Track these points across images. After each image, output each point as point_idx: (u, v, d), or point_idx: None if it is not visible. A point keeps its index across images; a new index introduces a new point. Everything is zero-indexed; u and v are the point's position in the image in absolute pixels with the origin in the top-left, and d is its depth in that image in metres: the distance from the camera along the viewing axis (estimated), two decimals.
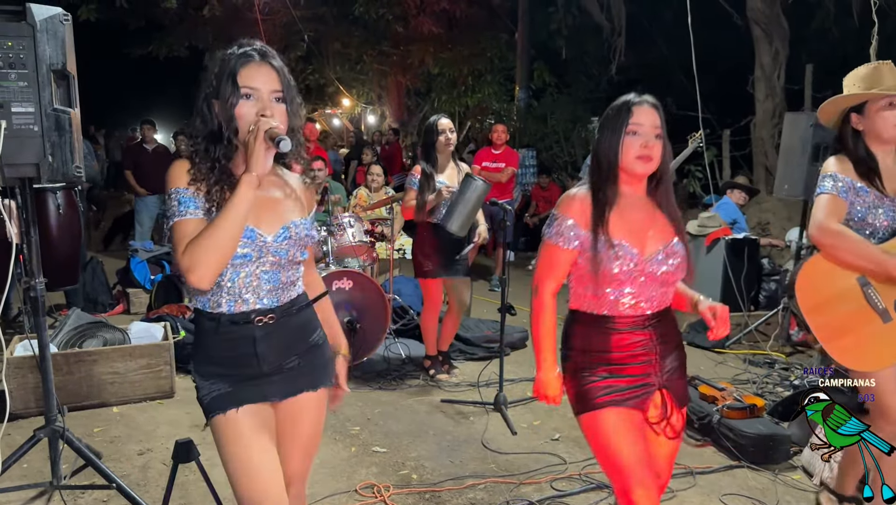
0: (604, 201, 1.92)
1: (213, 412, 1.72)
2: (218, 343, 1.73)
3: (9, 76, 2.42)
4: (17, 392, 3.63)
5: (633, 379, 1.95)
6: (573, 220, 1.93)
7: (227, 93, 1.65)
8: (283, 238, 1.73)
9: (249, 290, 1.71)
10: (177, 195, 1.64)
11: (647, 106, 1.93)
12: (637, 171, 1.93)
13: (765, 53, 8.73)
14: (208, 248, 1.56)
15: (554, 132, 11.45)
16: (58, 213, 4.79)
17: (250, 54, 1.67)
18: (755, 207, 8.32)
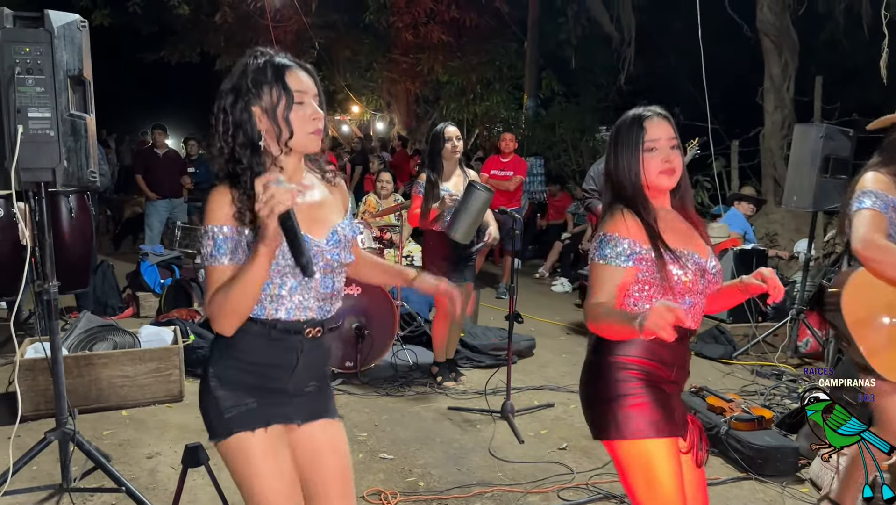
0: (647, 217, 1.84)
1: (236, 429, 1.65)
2: (264, 349, 1.67)
3: (26, 81, 2.46)
4: (27, 394, 3.64)
5: (676, 399, 1.88)
6: (629, 238, 1.81)
7: (277, 98, 1.62)
8: (335, 241, 1.73)
9: (310, 296, 1.69)
10: (213, 234, 1.59)
11: (658, 119, 1.89)
12: (664, 186, 1.88)
13: (774, 65, 8.74)
14: (224, 309, 1.57)
15: (562, 141, 11.47)
16: (70, 216, 4.82)
17: (287, 63, 1.67)
18: (763, 219, 8.31)
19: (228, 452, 1.67)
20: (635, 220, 1.83)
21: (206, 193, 1.65)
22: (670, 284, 1.79)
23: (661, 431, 1.79)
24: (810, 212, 5.50)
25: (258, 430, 1.66)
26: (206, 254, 1.61)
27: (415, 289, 2.02)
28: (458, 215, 4.07)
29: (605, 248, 1.82)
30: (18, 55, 2.43)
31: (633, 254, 1.80)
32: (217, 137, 1.65)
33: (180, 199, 8.26)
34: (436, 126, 4.50)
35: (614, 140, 1.93)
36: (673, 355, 1.86)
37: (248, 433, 1.65)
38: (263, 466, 1.65)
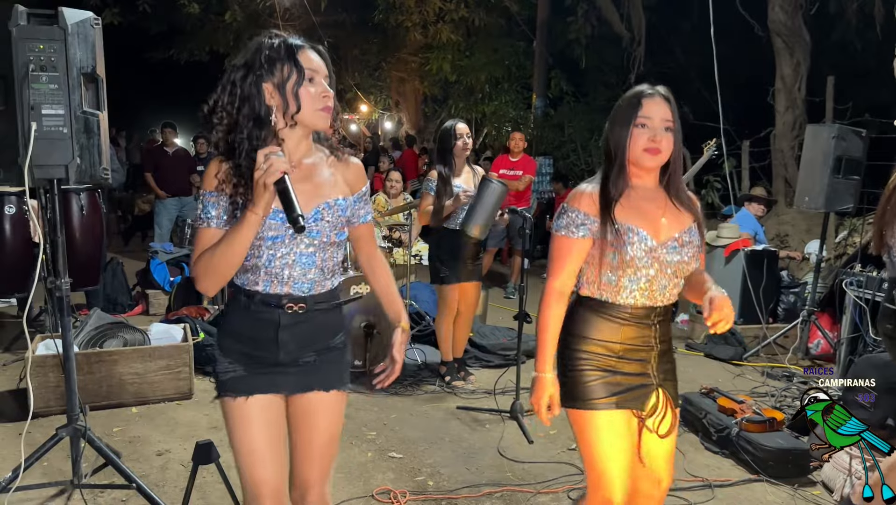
0: (613, 191, 1.92)
1: (225, 393, 1.79)
2: (246, 320, 1.78)
3: (40, 79, 2.47)
4: (38, 391, 3.65)
5: (632, 377, 1.96)
6: (583, 210, 1.93)
7: (289, 75, 1.67)
8: (316, 219, 1.74)
9: (284, 271, 1.74)
10: (204, 199, 1.72)
11: (657, 98, 1.92)
12: (645, 164, 1.93)
13: (786, 65, 8.69)
14: (209, 269, 1.68)
15: (571, 141, 11.45)
16: (81, 214, 4.85)
17: (300, 43, 1.72)
18: (774, 220, 8.27)
19: (223, 411, 1.82)
20: (595, 195, 1.93)
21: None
22: (609, 258, 1.90)
23: (601, 405, 1.94)
24: (822, 213, 5.46)
25: (238, 398, 1.77)
26: (196, 216, 1.75)
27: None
28: (473, 210, 4.06)
29: (561, 219, 1.97)
30: (33, 52, 2.44)
31: (584, 225, 1.92)
32: (220, 107, 1.70)
33: (190, 198, 8.27)
34: (445, 124, 4.50)
35: (614, 112, 1.99)
36: (634, 336, 1.96)
37: (229, 399, 1.78)
38: (237, 432, 1.79)
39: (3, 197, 4.79)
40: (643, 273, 1.92)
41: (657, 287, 1.94)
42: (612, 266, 1.91)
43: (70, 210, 4.74)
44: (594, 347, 1.96)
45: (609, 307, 1.95)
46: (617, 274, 1.92)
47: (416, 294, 5.65)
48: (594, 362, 1.95)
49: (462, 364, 4.69)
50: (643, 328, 1.96)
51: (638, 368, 1.97)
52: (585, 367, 1.95)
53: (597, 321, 1.96)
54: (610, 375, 1.95)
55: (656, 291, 1.95)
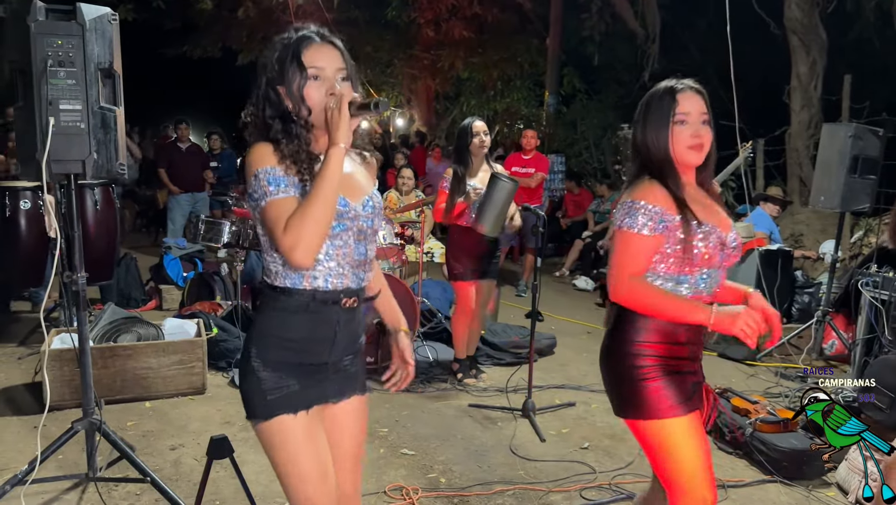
0: (675, 188, 1.83)
1: (279, 411, 1.65)
2: (303, 322, 1.67)
3: (58, 74, 2.48)
4: (53, 385, 3.66)
5: (693, 375, 1.90)
6: (661, 205, 1.80)
7: (293, 75, 1.64)
8: (370, 207, 1.74)
9: (345, 261, 1.69)
10: (266, 175, 1.59)
11: (691, 92, 1.87)
12: (691, 162, 1.87)
13: (802, 63, 8.61)
14: (310, 224, 1.54)
15: (583, 138, 11.40)
16: (95, 209, 4.89)
17: (310, 36, 1.67)
18: (788, 219, 8.21)
19: (268, 433, 1.67)
20: (663, 190, 1.83)
21: (245, 154, 1.68)
22: (691, 255, 1.79)
23: (678, 411, 1.83)
24: (837, 212, 5.42)
25: (300, 413, 1.67)
26: (262, 193, 1.58)
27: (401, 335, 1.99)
28: (483, 208, 4.05)
29: (634, 216, 1.80)
30: (51, 48, 2.45)
31: (663, 222, 1.79)
32: (251, 109, 1.70)
33: (203, 193, 8.31)
34: (460, 122, 4.49)
35: (645, 109, 1.91)
36: (688, 333, 1.87)
37: (289, 416, 1.66)
38: (302, 450, 1.67)
39: (19, 192, 4.84)
40: (706, 268, 1.85)
41: (715, 282, 1.89)
42: (683, 262, 1.81)
43: (84, 205, 4.78)
44: (650, 349, 1.84)
45: None
46: (685, 270, 1.83)
47: (427, 291, 5.65)
48: (659, 368, 1.84)
49: (474, 362, 4.69)
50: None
51: (694, 361, 1.91)
52: (650, 374, 1.84)
53: (652, 322, 1.84)
54: (677, 376, 1.85)
55: (714, 287, 1.90)
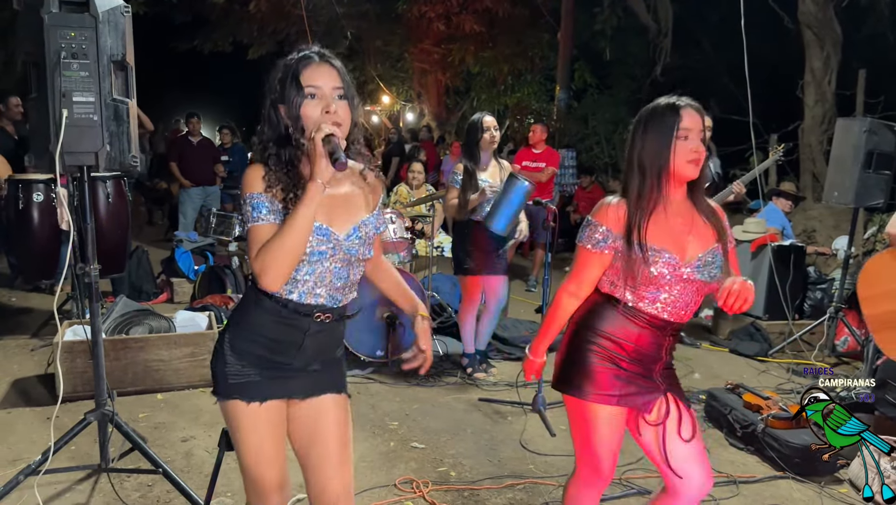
0: (644, 207, 1.93)
1: (235, 395, 1.78)
2: (273, 324, 1.77)
3: (71, 66, 2.48)
4: (65, 376, 3.69)
5: (638, 378, 1.99)
6: (606, 226, 1.95)
7: (291, 94, 1.70)
8: (355, 237, 1.79)
9: (322, 285, 1.78)
10: (251, 200, 1.70)
11: (692, 110, 1.93)
12: (688, 175, 1.94)
13: (815, 58, 8.54)
14: (277, 255, 1.65)
15: (595, 133, 11.36)
16: (107, 201, 4.90)
17: (310, 56, 1.73)
18: (801, 215, 8.15)
19: (225, 411, 1.82)
20: (622, 211, 1.94)
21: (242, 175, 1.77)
22: (630, 274, 1.93)
23: (605, 400, 1.97)
24: (850, 208, 5.37)
25: (252, 403, 1.78)
26: (247, 218, 1.71)
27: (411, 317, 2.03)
28: (498, 207, 4.04)
29: (585, 231, 2.01)
30: (64, 39, 2.46)
31: (605, 241, 1.95)
32: (259, 124, 1.77)
33: (214, 187, 8.33)
34: (469, 117, 4.47)
35: (645, 124, 1.96)
36: (648, 343, 1.98)
37: (242, 403, 1.77)
38: (248, 437, 1.80)
39: (31, 185, 4.86)
40: (666, 290, 1.95)
41: (680, 304, 1.98)
42: (636, 280, 1.93)
43: (96, 197, 4.79)
44: (607, 341, 1.99)
45: (630, 310, 1.98)
46: (640, 287, 1.95)
47: (437, 286, 5.65)
48: (603, 354, 1.98)
49: (484, 356, 4.68)
50: (659, 337, 1.99)
51: (643, 371, 2.00)
52: (594, 357, 1.99)
53: (616, 319, 1.99)
54: (616, 368, 1.98)
55: (679, 308, 1.98)
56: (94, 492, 2.89)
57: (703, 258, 1.95)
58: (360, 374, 4.44)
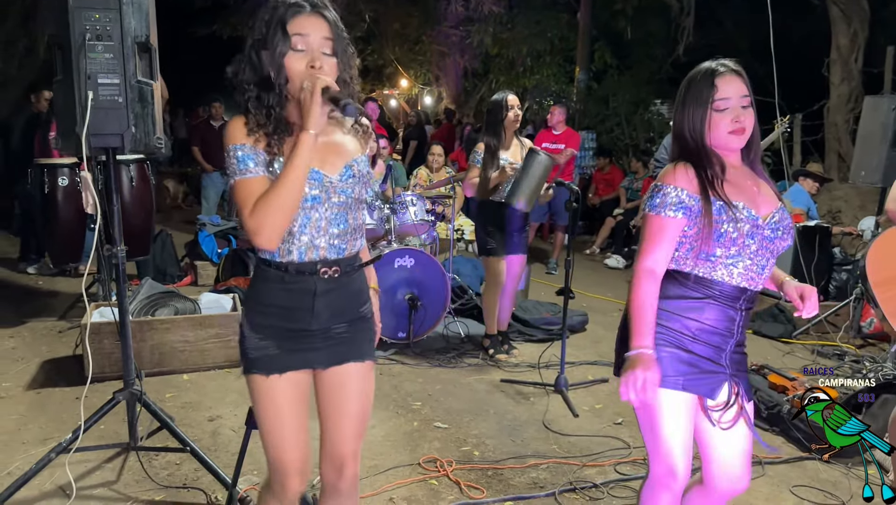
0: (707, 169, 1.83)
1: (254, 370, 1.75)
2: (279, 292, 1.73)
3: (96, 48, 2.50)
4: (94, 357, 3.74)
5: (704, 360, 1.86)
6: (679, 186, 1.82)
7: (276, 42, 1.62)
8: (348, 176, 1.74)
9: (321, 235, 1.72)
10: (235, 152, 1.64)
11: (731, 74, 1.84)
12: (733, 146, 1.87)
13: (842, 35, 8.36)
14: (273, 210, 1.59)
15: (615, 115, 11.24)
16: (131, 185, 4.95)
17: (301, 4, 1.64)
18: (826, 195, 8.03)
19: (249, 386, 1.80)
20: (691, 172, 1.84)
21: None
22: (710, 236, 1.79)
23: (668, 383, 1.84)
24: (878, 188, 5.28)
25: (272, 375, 1.74)
26: (232, 171, 1.65)
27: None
28: (519, 183, 4.03)
29: (654, 198, 1.85)
30: (88, 21, 2.47)
31: (682, 203, 1.81)
32: (234, 63, 1.70)
33: None
34: (493, 96, 4.45)
35: (684, 94, 1.90)
36: (718, 319, 1.86)
37: (261, 376, 1.75)
38: (267, 410, 1.77)
39: (57, 169, 4.92)
40: (747, 251, 1.83)
41: (756, 267, 1.86)
42: (713, 244, 1.81)
43: (120, 181, 4.83)
44: (670, 321, 1.86)
45: (699, 282, 1.85)
46: (717, 252, 1.82)
47: (458, 268, 5.65)
48: (665, 335, 1.85)
49: (506, 337, 4.68)
50: (729, 310, 1.86)
51: (711, 352, 1.87)
52: (660, 342, 1.84)
53: (683, 295, 1.86)
54: (680, 350, 1.85)
55: (754, 271, 1.86)
56: (124, 470, 2.93)
57: (776, 216, 1.88)
58: (382, 355, 4.46)
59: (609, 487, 2.94)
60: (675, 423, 1.86)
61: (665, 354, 1.85)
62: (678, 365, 1.85)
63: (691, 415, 1.90)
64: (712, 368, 1.88)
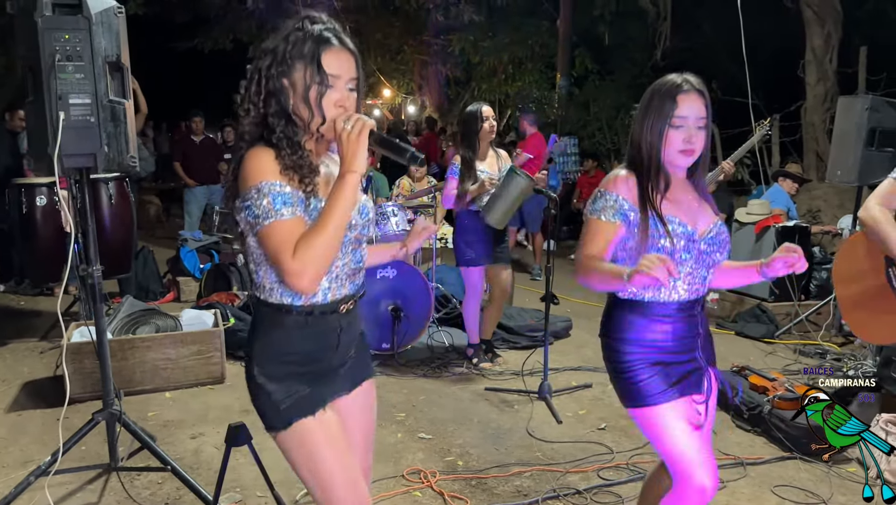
0: (649, 181, 1.89)
1: (297, 416, 1.63)
2: (301, 338, 1.65)
3: (66, 68, 2.49)
4: (74, 377, 3.71)
5: (684, 363, 1.93)
6: (619, 194, 1.88)
7: (311, 80, 1.56)
8: (366, 215, 1.73)
9: (343, 274, 1.68)
10: (268, 190, 1.51)
11: (693, 93, 1.87)
12: (679, 164, 1.92)
13: (816, 36, 8.47)
14: (321, 253, 1.50)
15: (597, 119, 11.31)
16: (110, 202, 4.93)
17: (329, 38, 1.57)
18: (805, 195, 8.11)
19: (290, 441, 1.65)
20: (632, 182, 1.90)
21: (241, 158, 1.57)
22: (645, 247, 1.84)
23: (664, 397, 1.89)
24: (855, 186, 5.34)
25: (318, 413, 1.65)
26: (264, 212, 1.50)
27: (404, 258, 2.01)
28: (495, 201, 4.05)
29: (596, 203, 1.92)
30: (58, 42, 2.46)
31: (621, 210, 1.87)
32: (248, 98, 1.60)
33: (218, 186, 8.34)
34: (469, 106, 4.46)
35: (647, 104, 1.94)
36: (681, 327, 1.93)
37: (308, 419, 1.64)
38: (327, 451, 1.65)
39: (34, 189, 4.89)
40: (686, 266, 1.88)
41: (698, 278, 1.92)
42: (640, 255, 1.83)
43: (99, 199, 4.82)
44: (640, 346, 1.92)
45: (655, 307, 1.90)
46: None
47: (441, 277, 5.65)
48: (644, 361, 1.91)
49: (490, 346, 4.69)
50: (688, 319, 1.94)
51: (686, 351, 1.95)
52: (637, 367, 1.91)
53: (643, 323, 1.92)
54: (663, 367, 1.91)
55: (697, 283, 1.92)
56: (105, 491, 2.91)
57: (713, 230, 1.93)
58: None
59: (592, 492, 2.95)
60: (684, 430, 1.89)
61: (647, 375, 1.91)
62: (664, 379, 1.91)
63: (694, 416, 1.93)
64: (692, 366, 1.95)
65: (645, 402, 1.91)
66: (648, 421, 1.93)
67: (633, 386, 1.92)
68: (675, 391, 1.91)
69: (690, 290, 1.92)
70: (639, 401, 1.92)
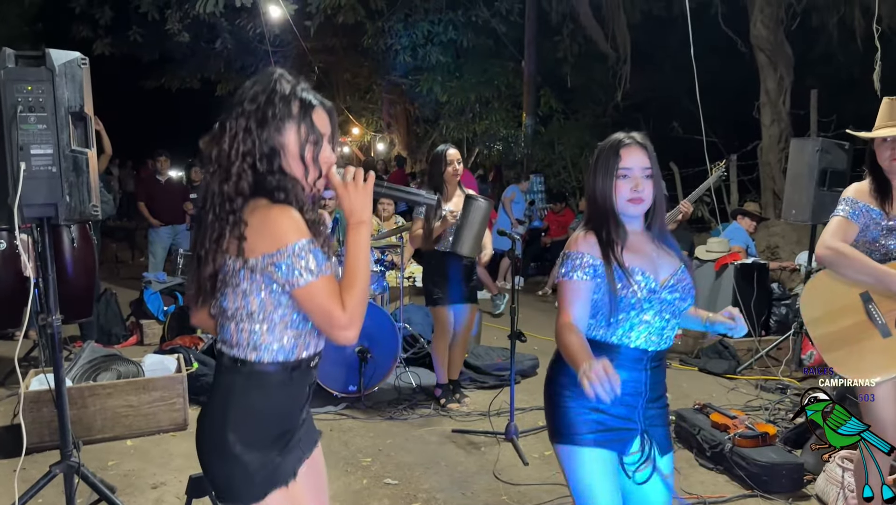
0: (611, 238, 1.94)
1: (272, 487, 1.60)
2: (285, 396, 1.64)
3: (28, 119, 2.50)
4: (32, 426, 3.64)
5: (617, 418, 1.93)
6: (585, 252, 1.92)
7: (307, 140, 1.59)
8: (338, 262, 1.72)
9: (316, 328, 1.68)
10: (311, 247, 1.53)
11: (635, 146, 1.95)
12: (630, 213, 1.97)
13: (770, 79, 8.79)
14: (361, 302, 1.56)
15: (561, 158, 11.53)
16: (72, 246, 4.87)
17: (310, 99, 1.62)
18: (764, 231, 8.32)
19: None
20: (591, 238, 1.95)
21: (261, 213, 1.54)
22: (613, 297, 1.89)
23: (587, 442, 1.91)
24: (809, 225, 5.51)
25: (290, 482, 1.63)
26: (309, 270, 1.51)
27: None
28: (461, 231, 4.10)
29: (565, 265, 1.95)
30: (21, 93, 2.47)
31: (590, 265, 1.91)
32: (237, 156, 1.56)
33: (183, 226, 8.28)
34: (436, 147, 4.54)
35: (595, 162, 2.02)
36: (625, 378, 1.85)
37: (282, 490, 1.61)
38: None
39: None
40: (644, 315, 1.92)
41: (655, 329, 1.94)
42: (613, 308, 1.90)
43: (61, 243, 4.76)
44: (577, 385, 1.86)
45: (601, 347, 1.92)
46: (617, 316, 1.91)
47: (409, 316, 5.66)
48: (573, 397, 1.92)
49: (457, 386, 4.70)
50: (633, 371, 1.93)
51: (623, 411, 1.93)
52: (569, 401, 1.93)
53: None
54: (594, 412, 1.91)
55: (654, 334, 1.94)
56: None
57: (675, 277, 1.97)
58: (333, 410, 4.43)
59: None
60: (600, 481, 1.90)
61: (574, 412, 1.92)
62: (589, 424, 1.91)
63: (614, 473, 1.94)
64: (622, 424, 1.94)
65: (569, 439, 1.93)
66: (568, 459, 1.95)
67: (560, 419, 1.95)
68: (594, 441, 1.91)
69: (646, 339, 1.93)
70: (563, 436, 1.95)
